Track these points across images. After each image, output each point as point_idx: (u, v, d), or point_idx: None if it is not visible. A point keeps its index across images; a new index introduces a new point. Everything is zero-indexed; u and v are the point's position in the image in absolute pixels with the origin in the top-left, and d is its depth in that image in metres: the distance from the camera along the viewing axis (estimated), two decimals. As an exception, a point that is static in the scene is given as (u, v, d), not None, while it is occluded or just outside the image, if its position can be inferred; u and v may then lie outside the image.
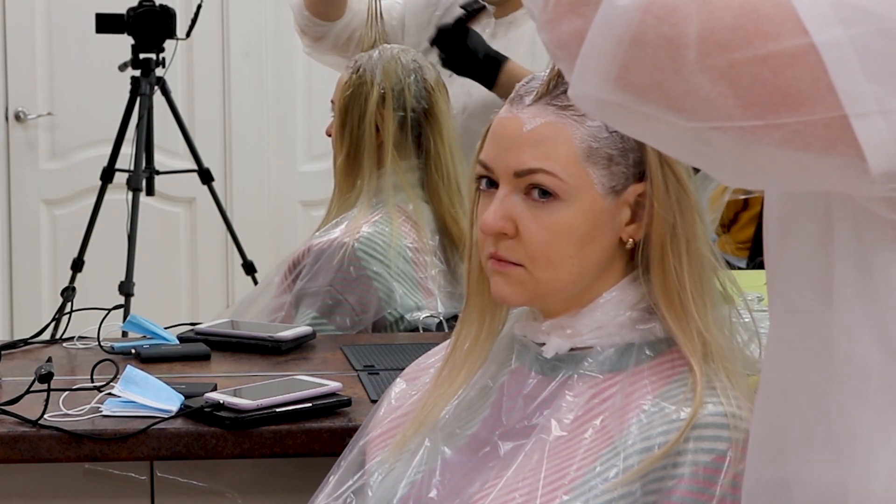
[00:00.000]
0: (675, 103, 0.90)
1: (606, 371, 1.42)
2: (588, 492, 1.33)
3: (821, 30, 0.85)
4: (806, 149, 0.88)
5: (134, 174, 3.75)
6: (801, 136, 0.88)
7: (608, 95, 0.92)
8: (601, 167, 1.41)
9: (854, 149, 0.87)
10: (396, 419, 1.55)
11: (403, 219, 2.51)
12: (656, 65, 0.89)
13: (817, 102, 0.86)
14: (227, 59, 4.66)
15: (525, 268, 1.42)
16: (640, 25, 0.89)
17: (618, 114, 0.95)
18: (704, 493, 1.31)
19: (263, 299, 2.60)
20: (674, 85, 0.89)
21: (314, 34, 3.00)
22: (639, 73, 0.90)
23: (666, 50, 0.88)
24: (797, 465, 1.02)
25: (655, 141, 1.00)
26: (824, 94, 0.85)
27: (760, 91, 0.87)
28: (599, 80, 0.92)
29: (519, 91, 1.45)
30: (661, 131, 0.94)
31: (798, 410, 1.02)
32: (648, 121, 0.93)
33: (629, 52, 0.90)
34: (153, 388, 1.90)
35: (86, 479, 1.91)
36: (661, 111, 0.91)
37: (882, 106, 0.85)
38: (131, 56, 3.83)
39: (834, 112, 0.86)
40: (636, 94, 0.91)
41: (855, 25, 0.85)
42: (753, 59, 0.86)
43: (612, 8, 0.90)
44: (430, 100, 2.53)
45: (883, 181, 0.89)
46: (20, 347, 2.31)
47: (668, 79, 0.89)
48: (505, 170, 1.42)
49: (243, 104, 4.67)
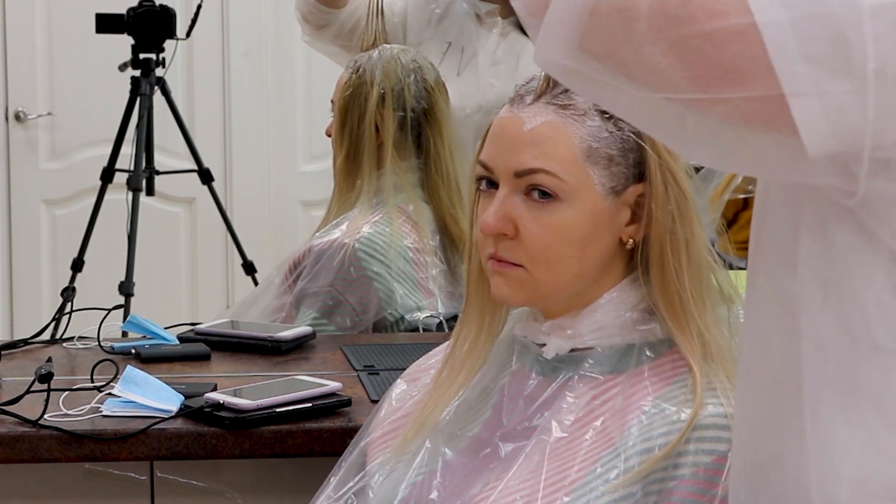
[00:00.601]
0: (628, 72, 0.93)
1: (607, 372, 1.42)
2: (589, 493, 1.33)
3: (764, 10, 0.88)
4: (747, 124, 0.91)
5: (134, 174, 3.75)
6: (742, 112, 0.91)
7: (570, 62, 0.96)
8: (601, 167, 1.41)
9: (791, 128, 0.89)
10: (397, 420, 1.55)
11: (404, 219, 2.51)
12: (611, 34, 0.92)
13: (757, 79, 0.89)
14: (227, 59, 4.66)
15: (525, 268, 1.42)
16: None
17: (580, 80, 0.98)
18: (705, 495, 1.31)
19: (264, 300, 2.60)
20: (627, 55, 0.92)
21: (318, 22, 2.99)
22: (596, 41, 0.93)
23: (619, 21, 0.92)
24: (774, 448, 1.03)
25: (615, 109, 1.04)
26: (764, 72, 0.88)
27: (705, 65, 0.90)
28: (562, 47, 0.95)
29: (519, 91, 1.45)
30: (620, 100, 0.98)
31: (772, 394, 1.04)
32: (607, 89, 0.97)
33: (587, 21, 0.93)
34: (153, 388, 1.90)
35: (86, 479, 1.91)
36: (618, 80, 0.95)
37: (818, 88, 0.88)
38: (131, 56, 3.83)
39: (772, 90, 0.89)
40: (596, 60, 0.94)
41: (796, 9, 0.87)
42: (700, 34, 0.89)
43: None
44: (430, 100, 2.53)
45: (821, 167, 0.91)
46: (20, 347, 2.31)
47: (622, 49, 0.92)
48: (505, 170, 1.42)
49: (243, 104, 4.67)
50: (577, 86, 1.02)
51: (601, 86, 0.97)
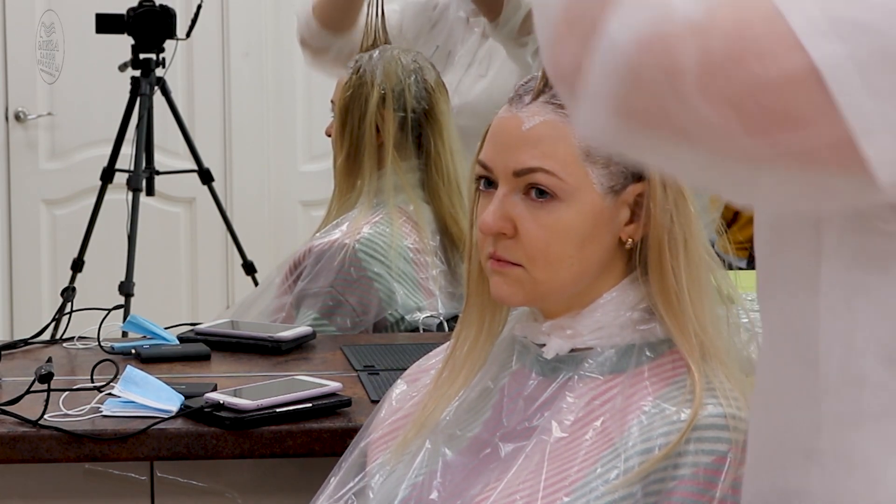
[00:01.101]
0: (680, 130, 0.89)
1: (607, 372, 1.42)
2: (589, 493, 1.33)
3: (818, 46, 0.83)
4: (812, 167, 0.87)
5: (134, 174, 3.75)
6: (807, 156, 0.86)
7: (614, 129, 0.91)
8: (600, 166, 1.41)
9: (860, 166, 0.85)
10: (397, 421, 1.55)
11: (404, 219, 2.51)
12: (657, 94, 0.88)
13: (820, 121, 0.84)
14: (227, 59, 4.66)
15: (524, 268, 1.42)
16: (639, 60, 0.87)
17: (626, 145, 0.94)
18: (705, 495, 1.31)
19: (264, 300, 2.60)
20: (677, 112, 0.88)
21: (317, 44, 2.96)
22: (641, 104, 0.89)
23: (663, 79, 0.87)
24: (798, 477, 1.01)
25: (669, 167, 0.99)
26: (827, 111, 0.83)
27: (762, 113, 0.85)
28: (604, 115, 0.90)
29: (518, 91, 1.45)
30: (672, 158, 0.93)
31: (795, 422, 1.02)
32: (658, 149, 0.92)
33: (630, 86, 0.88)
34: (153, 388, 1.90)
35: (86, 479, 1.91)
36: (668, 139, 0.90)
37: (887, 123, 0.83)
38: (131, 56, 3.83)
39: (838, 130, 0.84)
40: (641, 123, 0.90)
41: (853, 41, 0.82)
42: (752, 81, 0.85)
43: (609, 44, 0.89)
44: (431, 100, 2.53)
45: (893, 191, 0.87)
46: (20, 347, 2.31)
47: (671, 106, 0.88)
48: (504, 169, 1.42)
49: (243, 104, 4.67)
50: (625, 150, 0.97)
51: (651, 147, 0.92)
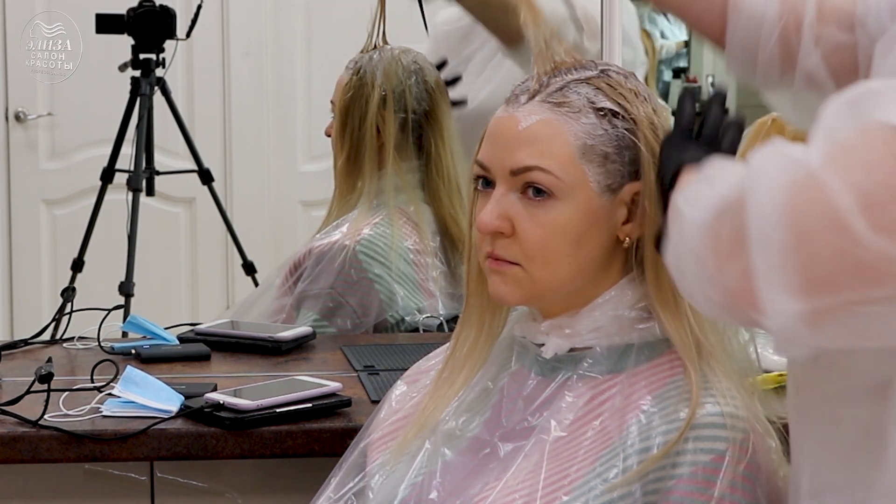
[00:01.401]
0: (869, 276, 0.87)
1: (605, 372, 1.42)
2: (588, 492, 1.33)
3: None
4: None
5: (134, 174, 3.75)
6: None
7: (805, 312, 0.88)
8: (597, 164, 1.41)
9: None
10: (397, 422, 1.55)
11: (404, 220, 2.51)
12: (832, 249, 0.86)
13: None
14: (227, 59, 4.66)
15: (522, 266, 1.42)
16: (799, 223, 0.86)
17: (826, 323, 0.91)
18: (704, 494, 1.32)
19: (264, 301, 2.60)
20: (860, 259, 0.86)
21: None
22: (821, 267, 0.87)
23: (834, 231, 0.85)
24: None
25: (880, 334, 0.94)
26: None
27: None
28: (788, 302, 0.88)
29: (515, 91, 1.46)
30: (876, 316, 0.90)
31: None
32: (857, 312, 0.89)
33: (803, 253, 0.86)
34: (153, 388, 1.90)
35: (86, 479, 1.91)
36: (860, 292, 0.88)
37: None
38: (131, 56, 3.83)
39: None
40: (828, 289, 0.88)
41: None
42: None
43: (765, 229, 0.87)
44: (431, 101, 2.53)
45: None
46: (20, 348, 2.31)
47: (851, 254, 0.86)
48: (501, 169, 1.43)
49: (243, 104, 4.67)
50: (828, 331, 0.93)
51: (849, 311, 0.90)
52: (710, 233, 0.94)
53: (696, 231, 0.99)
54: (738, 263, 0.91)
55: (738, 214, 0.91)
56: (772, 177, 0.88)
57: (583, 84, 1.43)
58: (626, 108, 1.42)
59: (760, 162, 0.93)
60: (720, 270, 0.93)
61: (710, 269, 0.93)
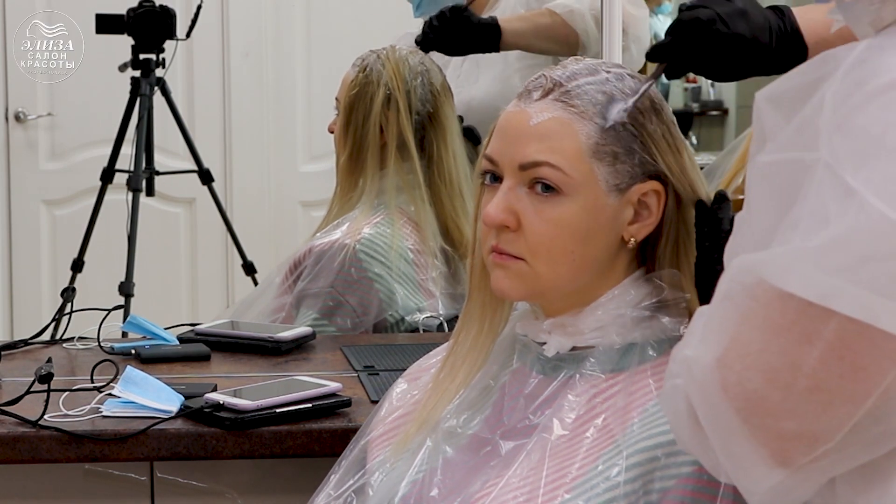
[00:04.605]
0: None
1: (608, 371, 1.42)
2: (589, 490, 1.33)
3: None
4: None
5: (134, 175, 3.75)
6: None
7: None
8: (606, 164, 1.41)
9: None
10: (397, 419, 1.55)
11: (405, 220, 2.51)
12: (815, 411, 0.94)
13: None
14: (227, 59, 4.66)
15: (526, 261, 1.42)
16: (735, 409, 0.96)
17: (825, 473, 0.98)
18: (706, 492, 1.31)
19: (264, 300, 2.60)
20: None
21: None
22: (807, 423, 0.95)
23: (809, 398, 0.94)
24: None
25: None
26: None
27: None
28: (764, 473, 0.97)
29: (527, 86, 1.46)
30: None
31: None
32: (849, 456, 0.97)
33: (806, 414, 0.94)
34: (153, 388, 1.90)
35: (86, 479, 1.91)
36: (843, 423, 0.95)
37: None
38: (131, 56, 3.83)
39: None
40: (823, 443, 0.95)
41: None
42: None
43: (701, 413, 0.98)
44: (436, 103, 2.53)
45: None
46: (20, 348, 2.30)
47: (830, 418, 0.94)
48: (510, 163, 1.43)
49: (243, 104, 4.67)
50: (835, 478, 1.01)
51: (839, 457, 0.97)
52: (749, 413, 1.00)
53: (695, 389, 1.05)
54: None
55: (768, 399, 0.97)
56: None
57: (597, 85, 1.44)
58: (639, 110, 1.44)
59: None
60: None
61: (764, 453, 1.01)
